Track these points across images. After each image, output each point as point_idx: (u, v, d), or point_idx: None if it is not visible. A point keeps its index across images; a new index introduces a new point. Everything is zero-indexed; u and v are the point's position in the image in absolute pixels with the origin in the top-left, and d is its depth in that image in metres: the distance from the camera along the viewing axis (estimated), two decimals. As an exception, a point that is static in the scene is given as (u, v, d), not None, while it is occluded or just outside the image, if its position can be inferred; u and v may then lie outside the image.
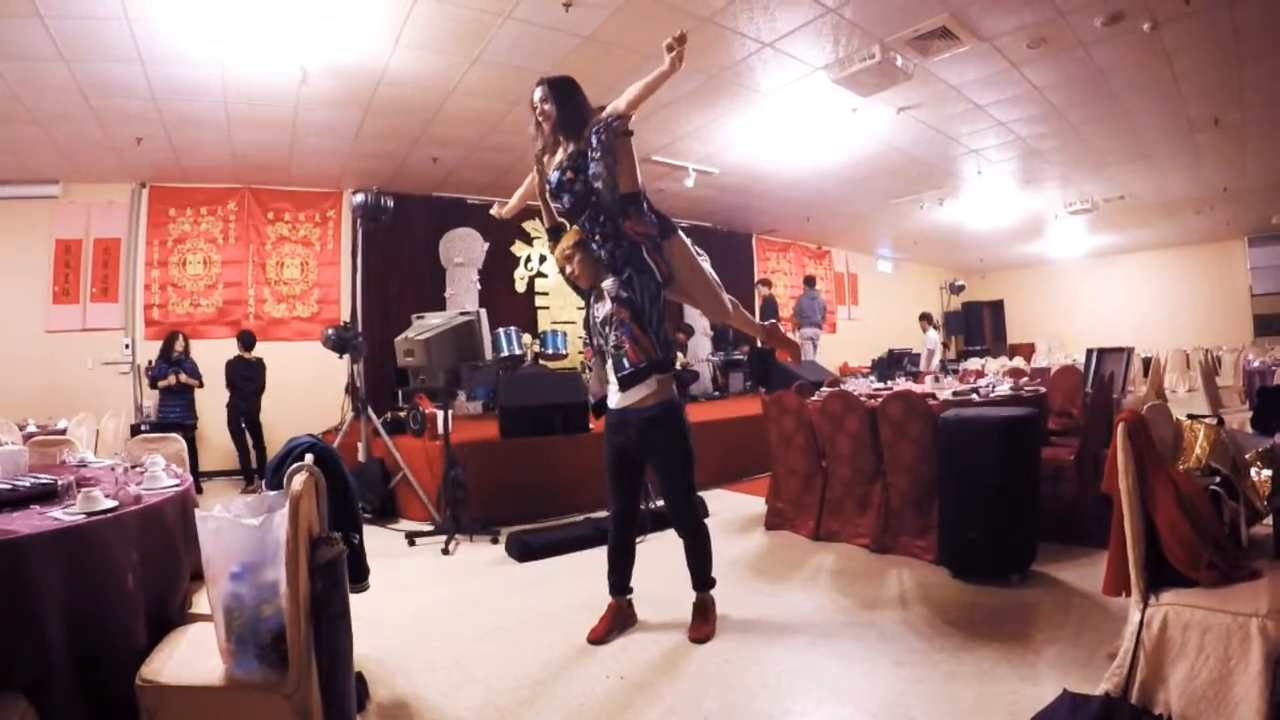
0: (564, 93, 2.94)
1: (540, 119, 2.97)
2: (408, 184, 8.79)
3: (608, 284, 2.94)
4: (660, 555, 3.79)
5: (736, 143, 8.11)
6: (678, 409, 2.99)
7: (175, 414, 7.22)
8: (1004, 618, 3.01)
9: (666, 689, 2.52)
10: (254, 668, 1.71)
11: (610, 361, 2.94)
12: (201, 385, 7.52)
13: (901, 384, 5.75)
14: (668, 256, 2.98)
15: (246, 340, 7.69)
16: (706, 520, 5.08)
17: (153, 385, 7.41)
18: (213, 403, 7.63)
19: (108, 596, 1.84)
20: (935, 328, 11.86)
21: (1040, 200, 11.21)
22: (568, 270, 3.05)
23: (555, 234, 3.13)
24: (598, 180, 2.81)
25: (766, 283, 11.86)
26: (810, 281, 12.11)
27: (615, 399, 2.96)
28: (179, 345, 7.47)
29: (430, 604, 3.60)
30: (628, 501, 3.09)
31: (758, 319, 12.43)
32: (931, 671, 2.54)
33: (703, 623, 3.02)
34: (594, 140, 2.82)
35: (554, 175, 2.98)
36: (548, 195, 3.09)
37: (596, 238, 2.95)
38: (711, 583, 3.10)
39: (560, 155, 2.99)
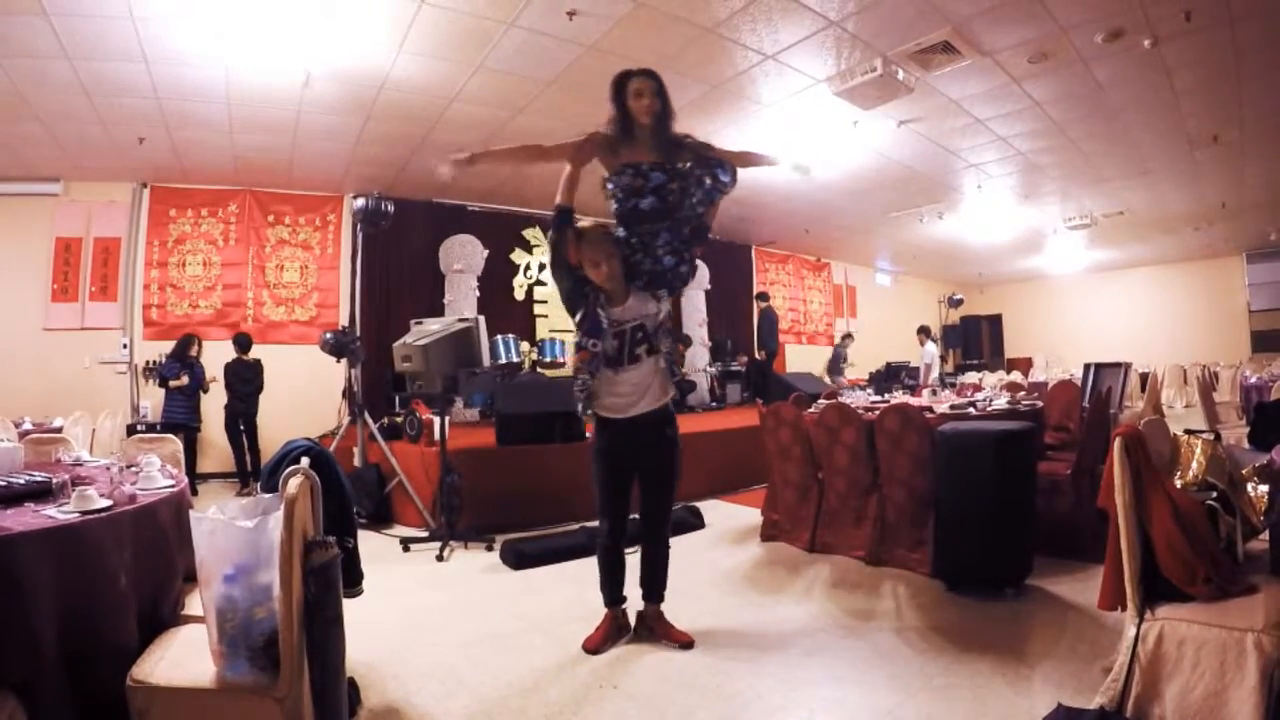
0: (667, 96, 2.95)
1: (645, 108, 2.87)
2: (409, 189, 8.80)
3: (663, 294, 2.95)
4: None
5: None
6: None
7: (180, 415, 7.18)
8: (999, 631, 3.00)
9: (660, 699, 2.51)
10: (245, 670, 1.70)
11: (661, 365, 2.89)
12: (208, 390, 7.50)
13: (899, 397, 5.76)
14: None
15: (242, 342, 7.67)
16: (702, 531, 5.16)
17: (161, 383, 7.34)
18: (216, 406, 7.63)
19: (100, 596, 1.83)
20: (934, 341, 11.92)
21: (1039, 215, 11.27)
22: (602, 268, 2.82)
23: (569, 218, 2.89)
24: (708, 206, 2.95)
25: (764, 296, 11.93)
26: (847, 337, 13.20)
27: (641, 407, 2.89)
28: (193, 350, 7.40)
29: (423, 610, 3.58)
30: (625, 512, 3.04)
31: (756, 332, 12.44)
32: (926, 684, 2.53)
33: (676, 629, 3.02)
34: (726, 177, 2.93)
35: (656, 174, 2.89)
36: (607, 185, 2.96)
37: (676, 254, 2.94)
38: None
39: (654, 155, 2.91)
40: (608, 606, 3.07)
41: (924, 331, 11.74)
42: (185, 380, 7.25)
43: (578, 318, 2.88)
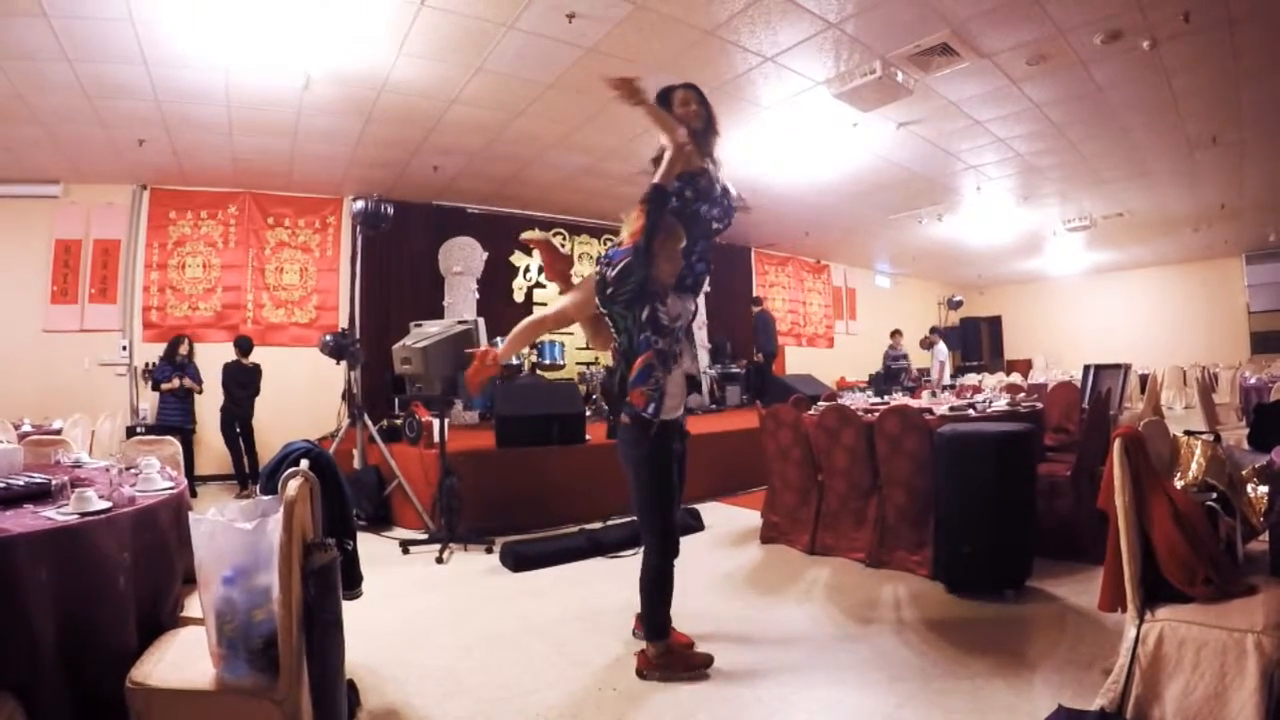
0: (710, 104, 3.06)
1: (694, 114, 2.99)
2: (408, 192, 8.80)
3: (689, 296, 3.00)
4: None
5: (736, 157, 8.11)
6: None
7: (175, 417, 7.18)
8: (999, 633, 3.00)
9: (659, 701, 2.51)
10: (245, 673, 1.70)
11: (690, 363, 2.94)
12: (202, 391, 7.50)
13: (898, 399, 5.77)
14: None
15: (244, 345, 7.66)
16: (701, 533, 5.16)
17: (154, 387, 7.36)
18: (212, 407, 7.61)
19: (99, 598, 1.83)
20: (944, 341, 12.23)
21: (1039, 217, 11.26)
22: (676, 262, 2.81)
23: (667, 198, 2.85)
24: (724, 224, 3.08)
25: (758, 300, 12.01)
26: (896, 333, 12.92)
27: (684, 405, 2.93)
28: (183, 349, 7.42)
29: (423, 613, 3.58)
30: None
31: (754, 335, 12.42)
32: (925, 686, 2.52)
33: (675, 631, 2.96)
34: (733, 202, 3.10)
35: (720, 184, 3.02)
36: (698, 188, 2.95)
37: (704, 261, 3.02)
38: None
39: (710, 165, 3.02)
40: (668, 634, 2.82)
41: (935, 331, 12.05)
42: (176, 383, 7.25)
43: (645, 315, 2.71)
